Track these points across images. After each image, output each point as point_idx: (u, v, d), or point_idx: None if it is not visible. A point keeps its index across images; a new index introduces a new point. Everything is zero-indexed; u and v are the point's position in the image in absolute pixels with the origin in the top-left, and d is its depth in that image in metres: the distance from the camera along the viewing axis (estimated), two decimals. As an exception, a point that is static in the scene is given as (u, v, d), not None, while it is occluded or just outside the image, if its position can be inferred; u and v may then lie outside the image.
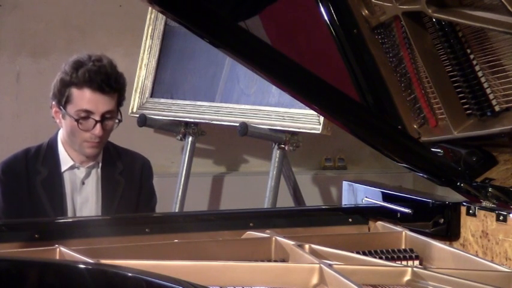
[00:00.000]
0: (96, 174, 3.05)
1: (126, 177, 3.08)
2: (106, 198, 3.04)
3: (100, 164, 3.04)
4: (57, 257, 1.97)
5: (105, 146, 3.06)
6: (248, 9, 2.24)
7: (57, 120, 3.02)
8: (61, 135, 3.04)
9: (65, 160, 3.02)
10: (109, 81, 2.95)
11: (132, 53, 4.68)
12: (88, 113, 2.93)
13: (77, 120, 2.92)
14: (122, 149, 3.15)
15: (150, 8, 4.45)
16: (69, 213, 2.98)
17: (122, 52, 4.74)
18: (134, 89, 4.58)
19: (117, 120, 2.99)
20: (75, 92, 2.94)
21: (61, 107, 2.96)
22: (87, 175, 3.03)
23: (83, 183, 3.03)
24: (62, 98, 2.95)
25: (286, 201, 4.15)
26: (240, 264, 1.94)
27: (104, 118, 2.95)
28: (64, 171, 3.01)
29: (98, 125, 2.93)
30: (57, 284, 1.76)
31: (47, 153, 3.03)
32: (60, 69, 3.00)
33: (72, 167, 3.02)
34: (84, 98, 2.93)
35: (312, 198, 4.65)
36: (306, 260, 2.00)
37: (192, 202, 4.39)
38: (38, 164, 3.00)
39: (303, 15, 2.39)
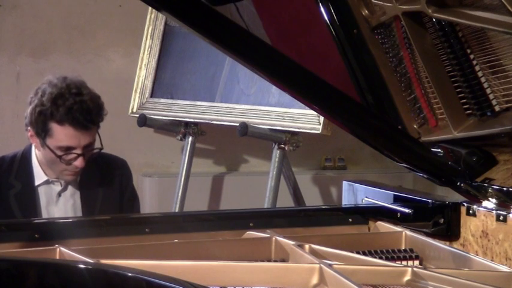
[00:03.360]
0: (73, 185, 3.00)
1: (103, 185, 3.03)
2: (87, 209, 2.98)
3: (78, 179, 2.99)
4: (57, 257, 1.97)
5: None
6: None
7: (34, 144, 2.95)
8: (37, 152, 2.96)
9: (39, 174, 2.96)
10: (91, 117, 2.89)
11: (132, 53, 4.68)
12: (70, 149, 2.88)
13: (58, 156, 2.87)
14: (98, 155, 3.05)
15: (150, 8, 4.44)
16: None
17: (122, 52, 4.74)
18: (134, 89, 4.58)
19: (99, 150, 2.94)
20: (55, 127, 2.86)
21: (40, 138, 2.89)
22: (64, 189, 2.98)
23: (59, 195, 2.98)
24: (41, 131, 2.87)
25: (286, 201, 4.15)
26: (240, 264, 1.94)
27: (85, 150, 2.90)
28: (38, 184, 2.96)
29: (80, 158, 2.88)
30: (57, 284, 1.76)
31: (21, 166, 2.97)
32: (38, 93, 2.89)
33: (47, 182, 2.97)
34: (66, 135, 2.86)
35: (312, 198, 4.65)
36: (306, 260, 2.00)
37: (192, 202, 4.39)
38: (11, 178, 2.95)
39: (303, 15, 2.39)
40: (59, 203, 2.98)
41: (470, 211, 2.29)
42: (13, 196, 2.93)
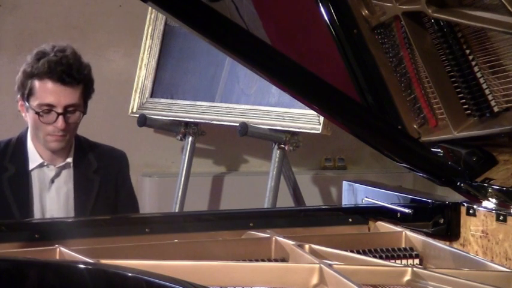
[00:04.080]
0: (67, 173, 2.96)
1: (100, 175, 2.99)
2: (80, 198, 2.95)
3: (72, 164, 2.96)
4: (57, 257, 1.97)
5: (77, 142, 2.98)
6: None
7: (23, 114, 2.96)
8: (30, 132, 2.96)
9: (34, 157, 2.93)
10: (70, 71, 2.87)
11: (132, 53, 4.68)
12: (50, 107, 2.86)
13: (37, 113, 2.85)
14: (94, 144, 3.05)
15: (150, 8, 4.44)
16: (36, 212, 2.91)
17: (122, 52, 4.74)
18: (134, 89, 4.58)
19: (82, 114, 2.90)
20: (36, 84, 2.87)
21: (25, 101, 2.91)
22: (57, 174, 2.95)
23: (53, 181, 2.95)
24: (25, 91, 2.90)
25: (286, 201, 4.14)
26: (240, 264, 1.94)
27: (66, 111, 2.87)
28: (32, 169, 2.93)
29: (60, 118, 2.85)
30: (57, 284, 1.76)
31: (16, 149, 2.95)
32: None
33: (41, 165, 2.94)
34: (46, 90, 2.86)
35: (312, 198, 4.65)
36: (306, 260, 2.00)
37: (192, 202, 4.39)
38: (5, 161, 2.93)
39: (303, 15, 2.39)
40: (51, 189, 2.94)
41: (470, 211, 2.29)
42: (6, 179, 2.90)
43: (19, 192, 2.91)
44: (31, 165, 2.94)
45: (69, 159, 2.96)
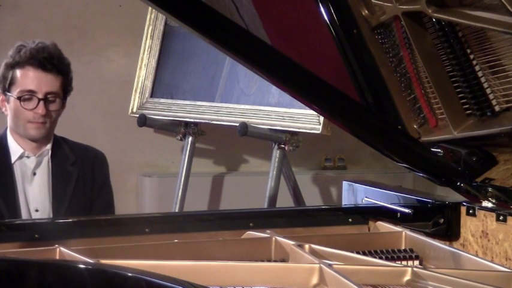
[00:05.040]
0: (47, 165, 3.02)
1: (78, 167, 3.05)
2: (57, 190, 3.00)
3: (49, 153, 3.01)
4: (57, 257, 1.97)
5: (55, 139, 3.03)
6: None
7: (3, 109, 3.02)
8: (9, 125, 3.02)
9: (15, 150, 2.99)
10: (51, 59, 2.96)
11: (132, 53, 4.68)
12: (31, 93, 2.93)
13: (19, 98, 2.92)
14: (74, 142, 3.13)
15: (150, 8, 4.45)
16: (22, 204, 2.95)
17: (122, 52, 4.74)
18: (134, 89, 4.58)
19: (62, 103, 2.97)
20: (18, 72, 2.95)
21: (6, 92, 2.97)
22: (38, 165, 3.00)
23: (34, 173, 3.00)
24: (6, 82, 2.97)
25: (286, 201, 4.15)
26: (240, 264, 1.94)
27: (47, 99, 2.94)
28: (14, 161, 2.98)
29: (41, 104, 2.92)
30: (57, 284, 1.76)
31: None
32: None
33: (21, 156, 2.99)
34: (27, 77, 2.93)
35: (312, 198, 4.65)
36: (306, 260, 2.00)
37: (192, 202, 4.39)
38: None
39: (303, 15, 2.39)
40: (34, 181, 2.99)
41: (470, 211, 2.30)
42: None
43: (3, 185, 2.95)
44: (13, 158, 2.99)
45: (48, 146, 3.01)
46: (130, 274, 1.67)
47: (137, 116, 4.44)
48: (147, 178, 4.73)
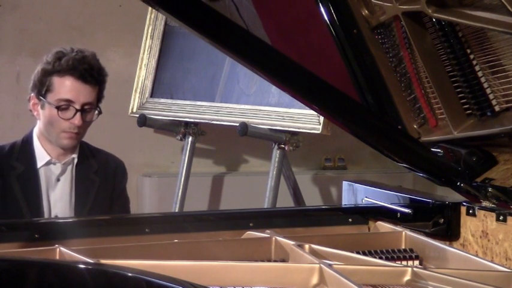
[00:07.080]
0: (71, 171, 3.01)
1: (100, 176, 3.05)
2: (80, 197, 3.00)
3: (75, 161, 3.01)
4: (57, 257, 1.97)
5: (80, 146, 3.03)
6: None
7: (35, 113, 3.00)
8: (37, 130, 3.01)
9: (41, 156, 2.98)
10: (92, 71, 2.96)
11: (132, 53, 4.68)
12: (69, 102, 2.92)
13: (57, 108, 2.91)
14: (96, 149, 3.12)
15: (150, 8, 4.45)
16: (45, 210, 2.95)
17: (122, 52, 4.74)
18: (134, 89, 4.58)
19: (96, 112, 2.97)
20: (56, 80, 2.93)
21: (41, 97, 2.94)
22: (63, 172, 3.00)
23: (58, 179, 3.00)
24: (42, 88, 2.94)
25: (286, 201, 4.15)
26: (240, 264, 1.94)
27: (83, 109, 2.93)
28: (40, 167, 2.97)
29: (78, 114, 2.91)
30: (57, 284, 1.76)
31: (22, 149, 2.99)
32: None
33: (48, 163, 2.98)
34: (66, 86, 2.92)
35: (312, 198, 4.65)
36: (306, 260, 1.99)
37: (192, 202, 4.39)
38: (13, 160, 2.96)
39: (303, 15, 2.39)
40: (57, 188, 2.99)
41: (470, 211, 2.29)
42: (15, 178, 2.94)
43: (28, 189, 2.95)
44: (39, 163, 2.98)
45: (74, 155, 3.01)
46: (130, 274, 1.67)
47: (137, 116, 4.44)
48: (147, 178, 4.73)
